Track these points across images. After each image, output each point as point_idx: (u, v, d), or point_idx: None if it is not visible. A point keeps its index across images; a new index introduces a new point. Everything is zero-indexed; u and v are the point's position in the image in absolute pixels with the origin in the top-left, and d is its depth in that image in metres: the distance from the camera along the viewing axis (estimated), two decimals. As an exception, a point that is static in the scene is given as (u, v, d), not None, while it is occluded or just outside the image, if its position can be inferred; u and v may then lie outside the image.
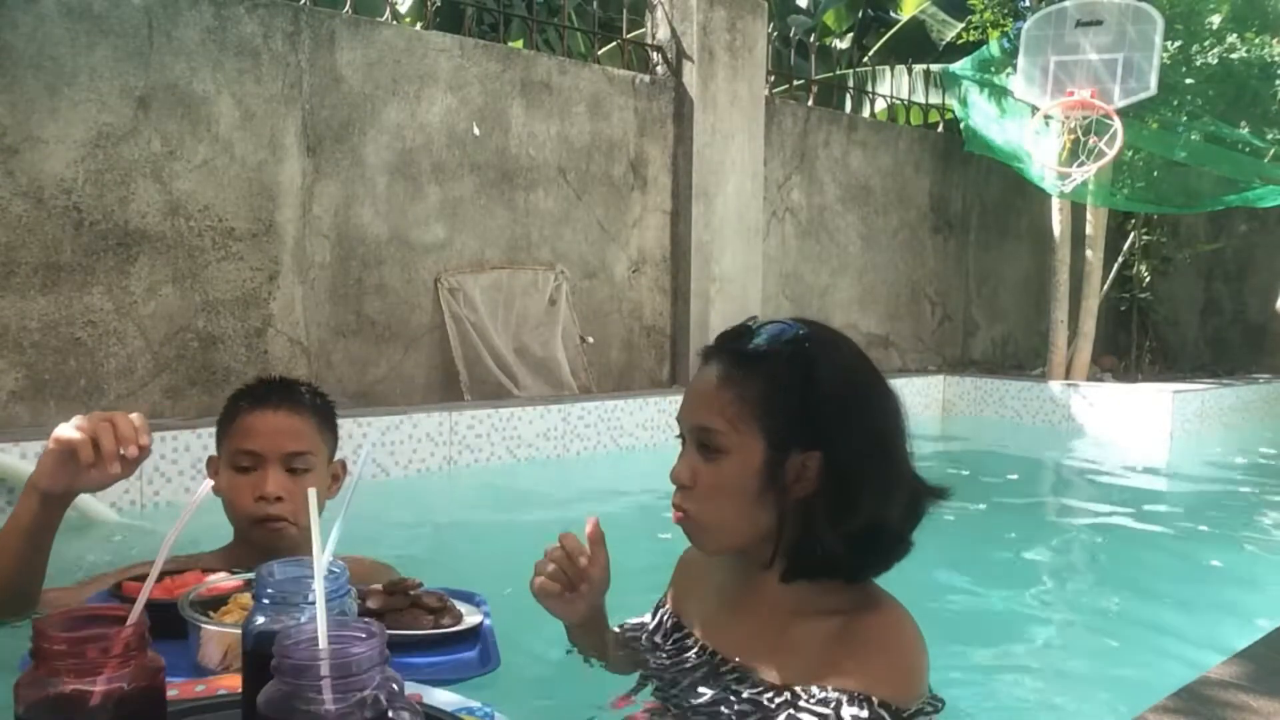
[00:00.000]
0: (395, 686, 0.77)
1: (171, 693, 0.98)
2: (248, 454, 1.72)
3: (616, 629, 1.51)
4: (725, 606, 1.33)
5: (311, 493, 0.96)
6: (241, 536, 1.77)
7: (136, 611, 0.82)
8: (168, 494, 3.33)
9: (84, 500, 3.11)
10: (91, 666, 0.78)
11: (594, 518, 1.43)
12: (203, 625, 1.28)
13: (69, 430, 1.45)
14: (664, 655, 1.40)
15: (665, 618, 1.45)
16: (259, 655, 0.91)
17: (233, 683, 1.10)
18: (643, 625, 1.50)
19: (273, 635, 0.89)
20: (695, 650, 1.36)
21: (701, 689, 1.31)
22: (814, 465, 1.19)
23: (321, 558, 0.87)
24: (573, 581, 1.38)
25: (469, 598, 1.58)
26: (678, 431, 1.29)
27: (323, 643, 0.77)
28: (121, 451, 1.44)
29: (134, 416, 1.48)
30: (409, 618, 1.42)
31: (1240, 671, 1.46)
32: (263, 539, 1.69)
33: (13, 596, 1.53)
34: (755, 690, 1.24)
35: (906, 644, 1.20)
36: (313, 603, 0.91)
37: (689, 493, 1.24)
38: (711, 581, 1.37)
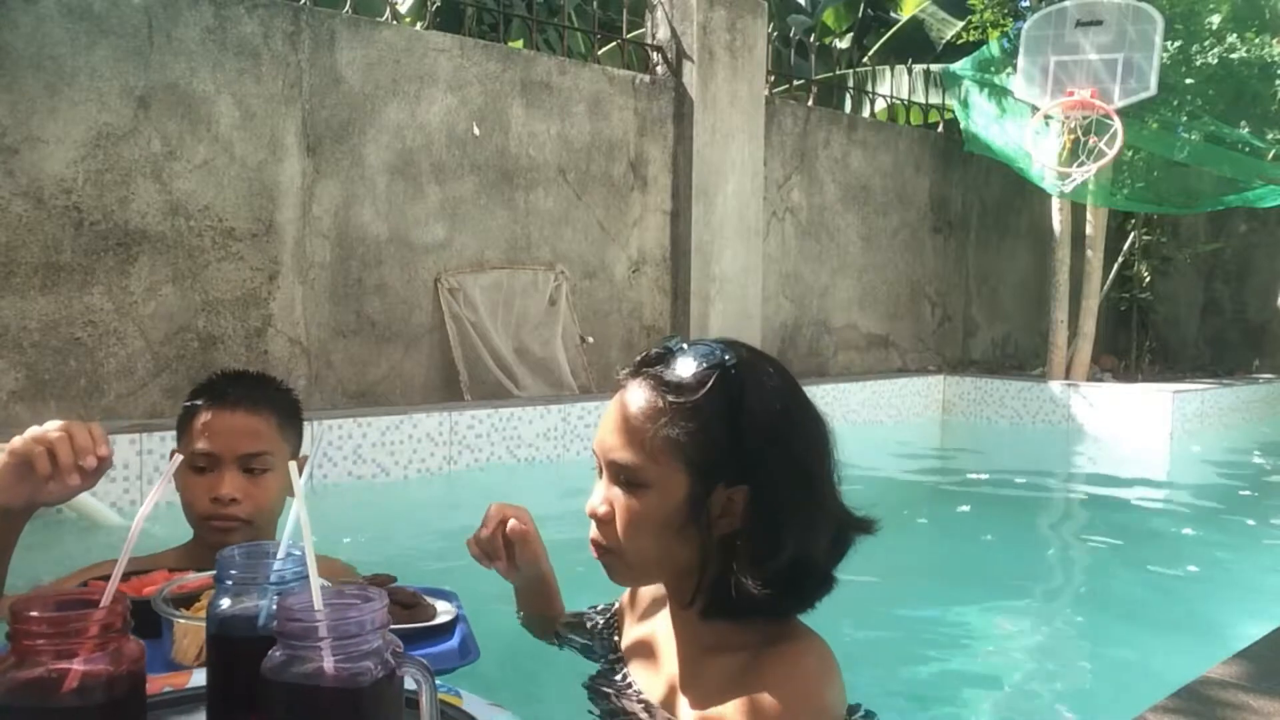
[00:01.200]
0: (398, 648, 0.80)
1: None
2: (204, 455, 1.68)
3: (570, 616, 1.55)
4: (655, 640, 1.30)
5: (292, 465, 0.99)
6: (198, 536, 1.75)
7: (109, 594, 0.81)
8: (167, 494, 3.32)
9: (87, 502, 3.11)
10: (68, 648, 0.77)
11: (517, 524, 1.50)
12: (176, 620, 1.28)
13: (24, 442, 1.41)
14: (605, 666, 1.41)
15: (608, 627, 1.45)
16: (223, 640, 0.92)
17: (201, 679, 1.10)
18: (585, 617, 1.52)
19: (236, 619, 0.91)
20: (625, 681, 1.35)
21: None
22: (740, 500, 1.12)
23: (289, 532, 0.88)
24: (492, 554, 1.51)
25: (444, 595, 1.58)
26: (594, 462, 1.21)
27: (318, 604, 0.80)
28: (80, 463, 1.39)
29: (93, 426, 1.43)
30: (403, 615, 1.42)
31: (1240, 671, 1.46)
32: (216, 539, 1.65)
33: None
34: None
35: (810, 674, 1.13)
36: (275, 584, 0.94)
37: (606, 527, 1.18)
38: (653, 607, 1.35)
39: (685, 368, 1.14)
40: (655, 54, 5.81)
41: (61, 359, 3.76)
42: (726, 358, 1.14)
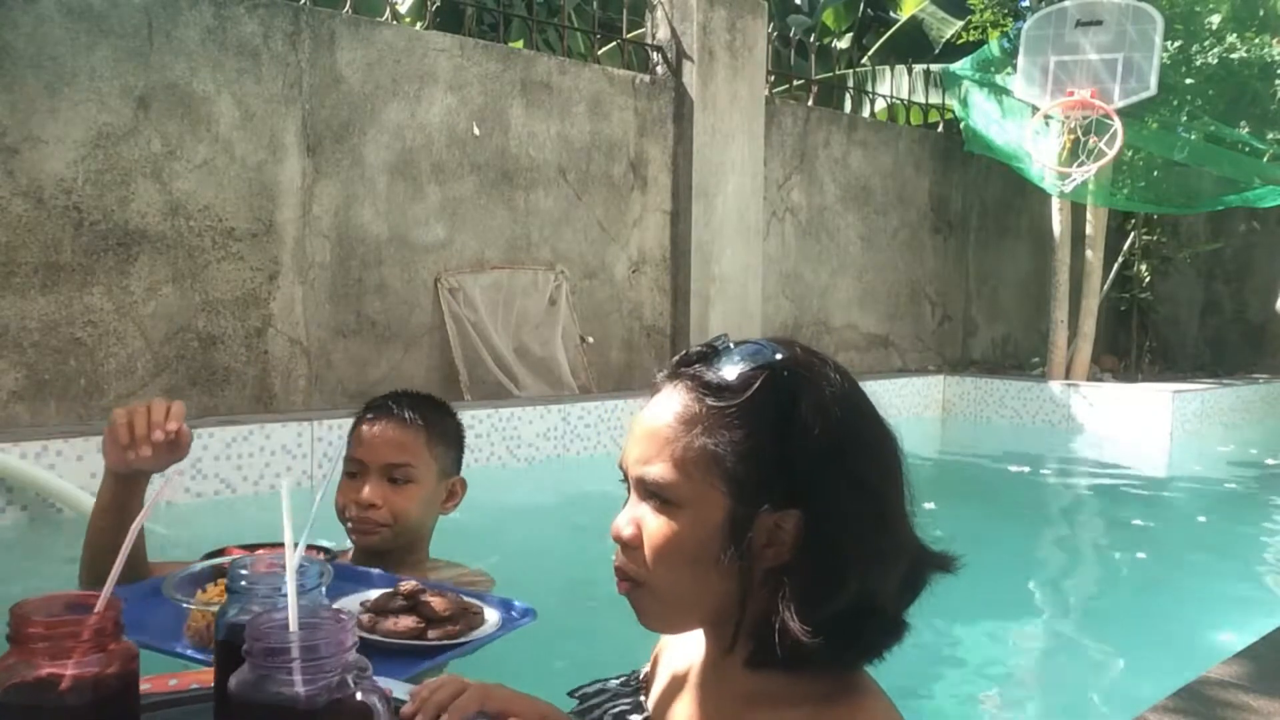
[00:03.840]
0: (364, 671, 0.80)
1: (145, 686, 0.99)
2: (354, 461, 1.82)
3: (575, 698, 1.22)
4: (689, 694, 1.10)
5: (283, 483, 1.02)
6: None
7: (104, 599, 0.83)
8: (167, 493, 3.33)
9: (79, 498, 3.12)
10: (63, 650, 0.79)
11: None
12: (187, 606, 1.30)
13: (116, 413, 1.55)
14: None
15: (632, 691, 1.20)
16: (231, 646, 0.92)
17: (205, 677, 1.10)
18: (602, 688, 1.22)
19: (244, 627, 0.91)
20: None
21: None
22: (790, 527, 0.94)
23: (291, 548, 0.89)
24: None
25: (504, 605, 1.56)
26: (621, 475, 1.04)
27: (293, 625, 0.80)
28: (151, 436, 1.51)
29: (173, 404, 1.54)
30: (390, 624, 1.40)
31: (1240, 671, 1.46)
32: (358, 541, 1.81)
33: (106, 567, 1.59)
34: None
35: None
36: (284, 594, 0.94)
37: (633, 553, 0.99)
38: (686, 653, 1.14)
39: (729, 368, 0.97)
40: (655, 54, 5.81)
41: (61, 359, 3.76)
42: (777, 357, 0.97)
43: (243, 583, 0.96)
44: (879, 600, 0.95)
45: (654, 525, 0.98)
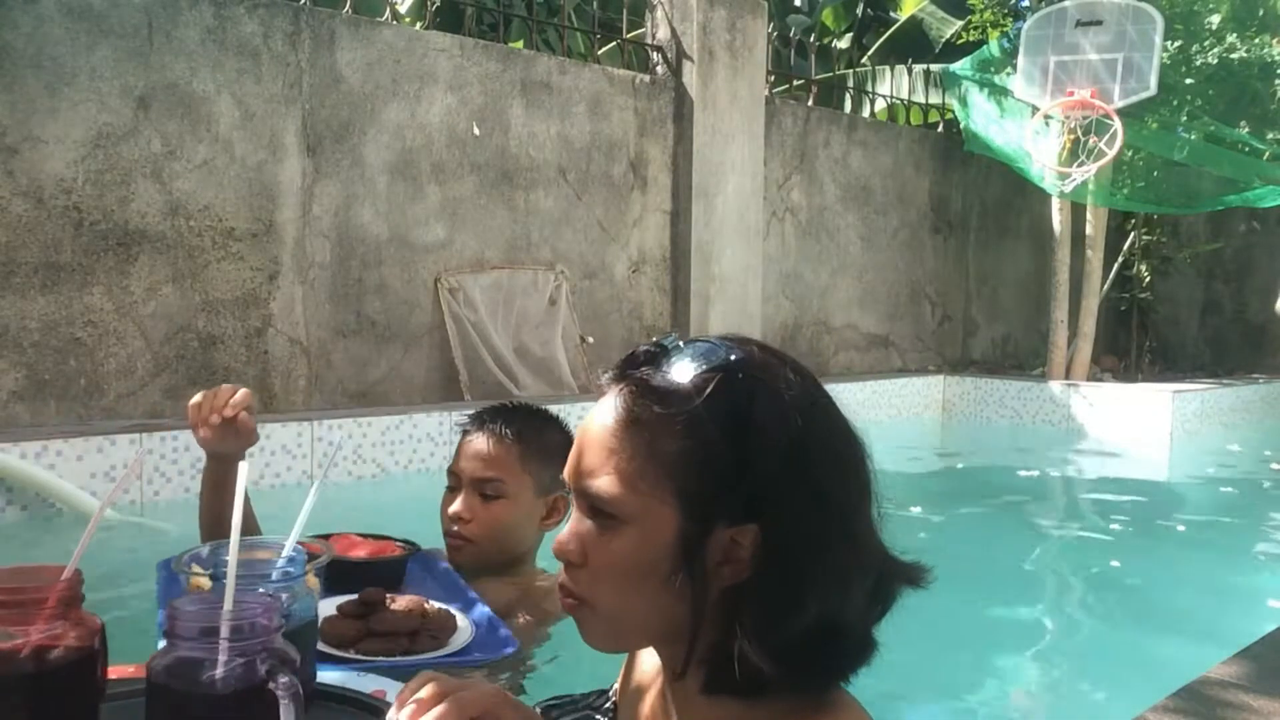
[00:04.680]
0: (286, 659, 0.81)
1: (129, 671, 1.00)
2: (451, 474, 1.84)
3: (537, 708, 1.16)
4: (645, 713, 1.04)
5: (242, 467, 1.01)
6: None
7: (71, 566, 0.85)
8: (167, 494, 3.33)
9: (81, 499, 3.12)
10: (23, 617, 0.81)
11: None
12: (183, 575, 1.32)
13: (197, 396, 1.66)
14: None
15: (600, 713, 1.14)
16: None
17: None
18: (569, 704, 1.17)
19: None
20: None
21: None
22: (748, 543, 0.85)
23: (236, 537, 0.91)
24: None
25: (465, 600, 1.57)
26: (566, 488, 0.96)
27: (228, 605, 0.83)
28: (210, 420, 1.61)
29: (240, 390, 1.63)
30: (375, 645, 1.38)
31: (1240, 671, 1.46)
32: (450, 556, 1.82)
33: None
34: None
35: None
36: (279, 582, 0.98)
37: (576, 572, 0.91)
38: (650, 673, 1.07)
39: (678, 370, 0.88)
40: (655, 54, 5.81)
41: (61, 359, 3.76)
42: (731, 357, 0.89)
43: (221, 570, 0.97)
44: (844, 619, 0.88)
45: (596, 543, 0.89)
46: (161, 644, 0.82)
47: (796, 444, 0.86)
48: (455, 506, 1.79)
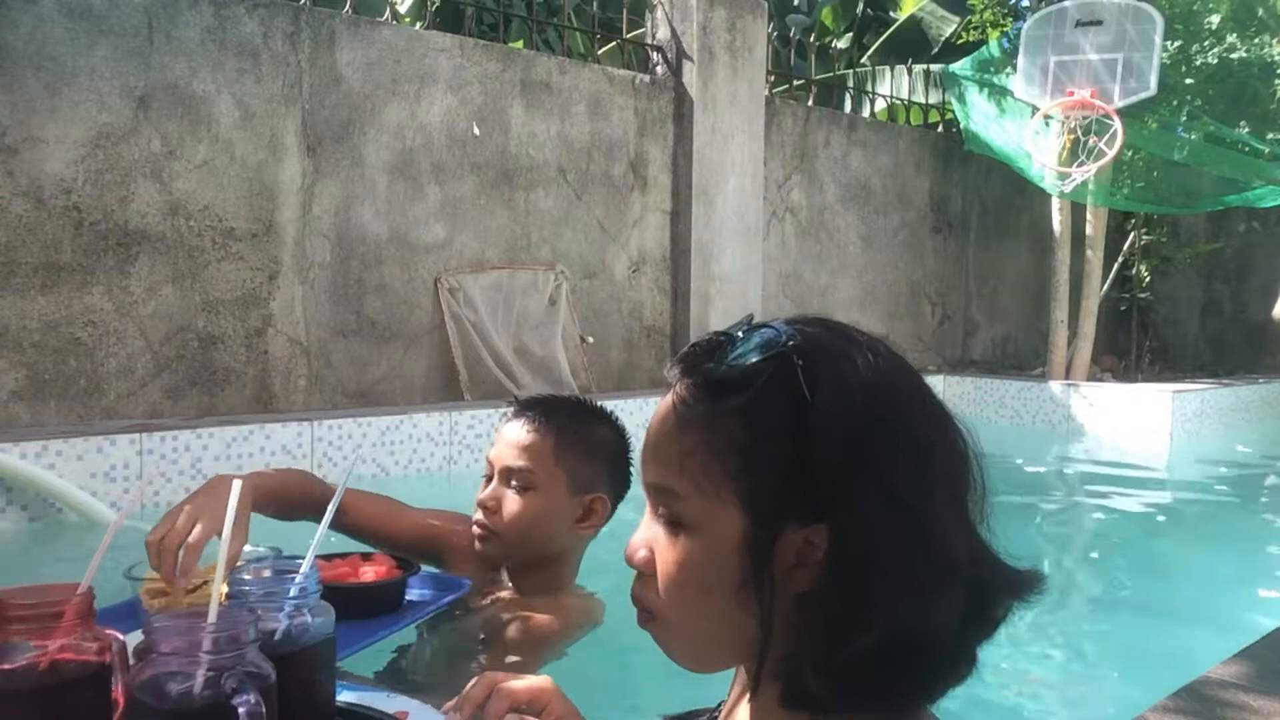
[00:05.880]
0: (258, 676, 0.82)
1: None
2: (488, 460, 1.75)
3: None
4: None
5: (236, 484, 1.00)
6: None
7: (86, 582, 0.86)
8: (167, 494, 3.33)
9: (84, 501, 3.12)
10: (42, 631, 0.83)
11: None
12: (134, 581, 1.34)
13: None
14: None
15: None
16: None
17: None
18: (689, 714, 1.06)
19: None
20: None
21: None
22: (822, 544, 0.78)
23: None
24: None
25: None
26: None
27: (212, 616, 0.84)
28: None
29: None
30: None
31: (1240, 671, 1.46)
32: (477, 546, 1.73)
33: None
34: None
35: None
36: (296, 599, 0.96)
37: (648, 581, 0.84)
38: (740, 690, 0.97)
39: (737, 359, 0.81)
40: (655, 54, 5.81)
41: (61, 359, 3.76)
42: (790, 341, 0.80)
43: (243, 588, 0.98)
44: (926, 631, 0.79)
45: (665, 550, 0.83)
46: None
47: (863, 432, 0.78)
48: (483, 493, 1.71)
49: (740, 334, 0.83)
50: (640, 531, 0.86)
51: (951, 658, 0.81)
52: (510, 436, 1.70)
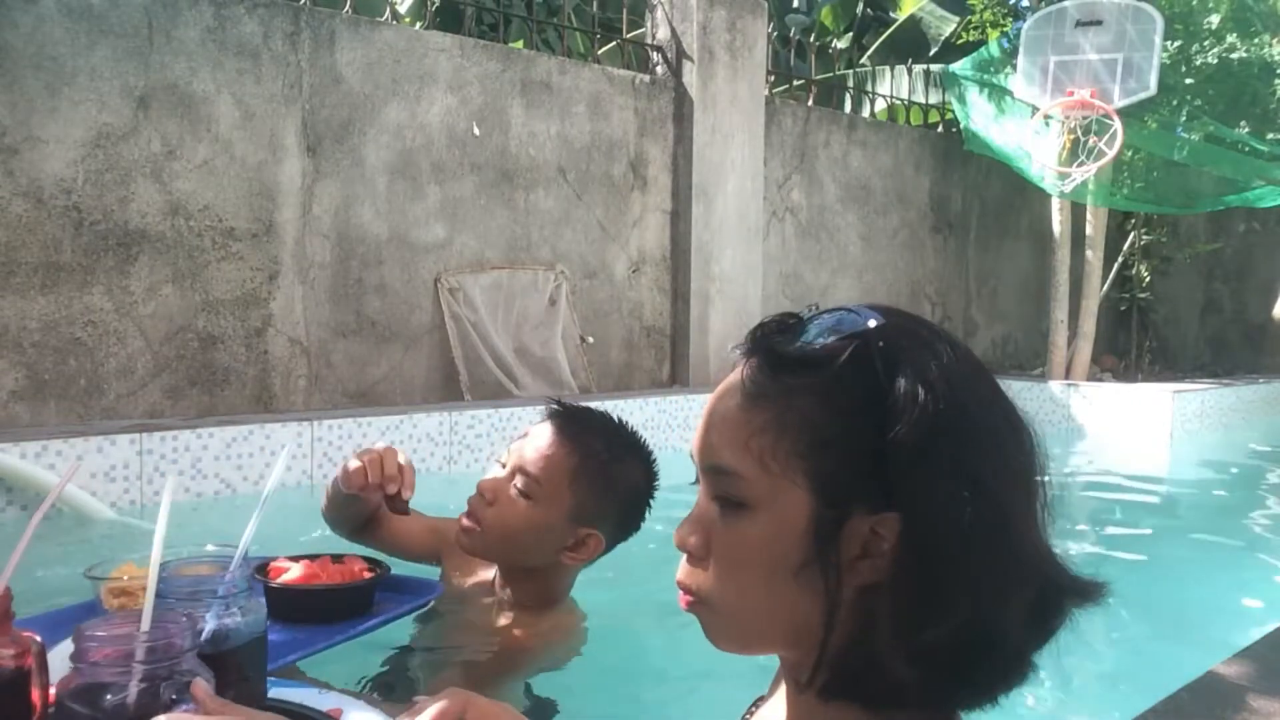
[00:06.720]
0: (190, 682, 0.81)
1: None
2: (509, 449, 1.68)
3: None
4: None
5: (169, 482, 0.99)
6: None
7: (1, 583, 0.85)
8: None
9: (81, 498, 3.12)
10: None
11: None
12: (94, 579, 1.34)
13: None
14: None
15: None
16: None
17: None
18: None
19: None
20: None
21: None
22: (890, 535, 0.75)
23: (158, 556, 0.90)
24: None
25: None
26: (693, 477, 0.86)
27: (145, 624, 0.84)
28: (389, 487, 1.66)
29: (407, 469, 1.69)
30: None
31: (1240, 671, 1.46)
32: (461, 537, 1.68)
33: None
34: None
35: None
36: (222, 597, 0.97)
37: (698, 564, 0.82)
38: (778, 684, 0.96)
39: (812, 337, 0.81)
40: (655, 54, 5.80)
41: (61, 359, 3.76)
42: (871, 324, 0.80)
43: (168, 588, 0.96)
44: (996, 631, 0.77)
45: (723, 531, 0.80)
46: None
47: (944, 422, 0.76)
48: (486, 478, 1.64)
49: (814, 314, 0.83)
50: (692, 515, 0.84)
51: (1015, 660, 0.80)
52: (537, 440, 1.63)
